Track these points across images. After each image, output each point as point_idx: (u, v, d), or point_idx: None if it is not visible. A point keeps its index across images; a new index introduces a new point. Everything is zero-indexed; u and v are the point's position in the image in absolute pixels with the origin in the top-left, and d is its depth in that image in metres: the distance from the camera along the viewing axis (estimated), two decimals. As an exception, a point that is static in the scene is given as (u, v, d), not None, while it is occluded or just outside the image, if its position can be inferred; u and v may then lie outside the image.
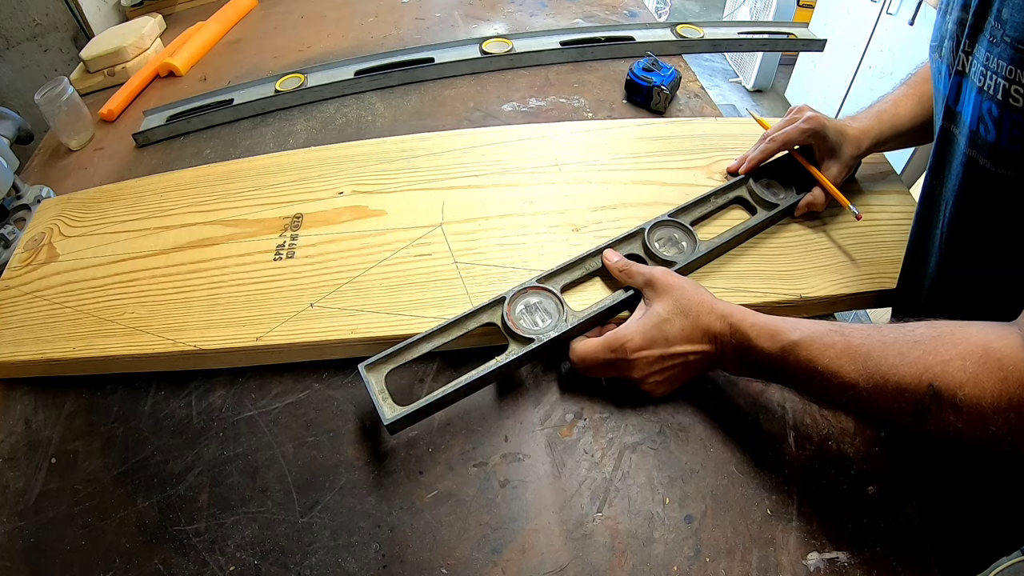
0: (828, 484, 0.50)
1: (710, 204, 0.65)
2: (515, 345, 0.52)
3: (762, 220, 0.62)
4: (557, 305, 0.55)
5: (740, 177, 0.66)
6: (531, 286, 0.56)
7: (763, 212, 0.63)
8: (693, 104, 0.87)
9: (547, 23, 1.07)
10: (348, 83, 0.93)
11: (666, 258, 0.58)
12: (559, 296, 0.56)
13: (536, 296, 0.56)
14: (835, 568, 0.46)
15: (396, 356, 0.53)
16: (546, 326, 0.54)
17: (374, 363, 0.52)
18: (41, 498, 0.52)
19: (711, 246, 0.59)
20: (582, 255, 0.59)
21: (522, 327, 0.53)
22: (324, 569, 0.47)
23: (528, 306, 0.55)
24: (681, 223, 0.62)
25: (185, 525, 0.50)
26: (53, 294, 0.63)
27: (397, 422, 0.49)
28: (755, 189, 0.65)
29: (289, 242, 0.64)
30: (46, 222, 0.72)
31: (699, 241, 0.60)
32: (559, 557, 0.47)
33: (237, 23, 1.20)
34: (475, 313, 0.55)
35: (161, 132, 0.90)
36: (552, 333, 0.53)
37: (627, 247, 0.60)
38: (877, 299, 0.60)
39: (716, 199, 0.65)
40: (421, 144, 0.74)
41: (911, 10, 1.60)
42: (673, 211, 0.62)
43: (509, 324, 0.53)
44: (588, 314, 0.54)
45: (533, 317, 0.55)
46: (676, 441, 0.53)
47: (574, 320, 0.54)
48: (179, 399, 0.58)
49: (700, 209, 0.64)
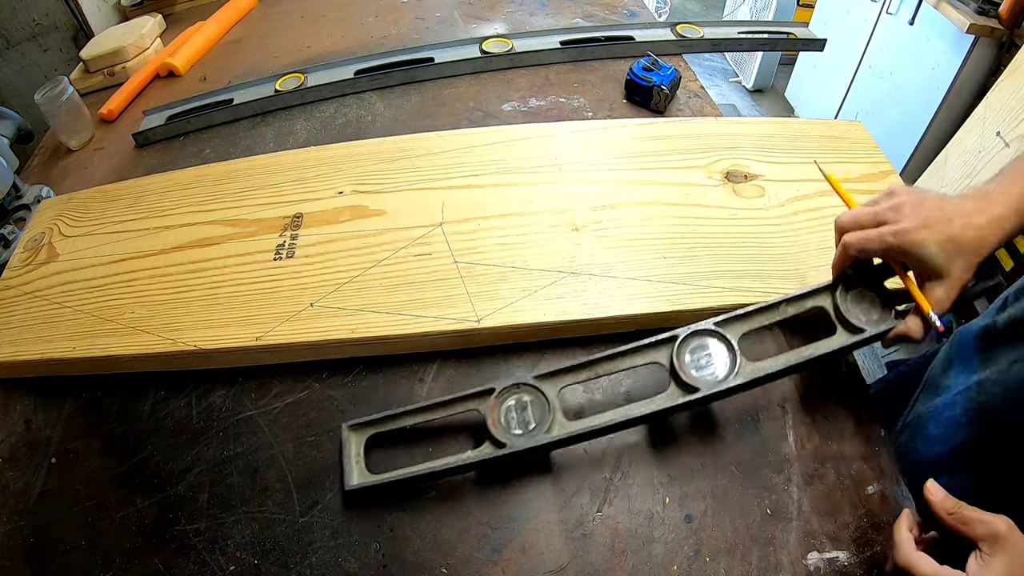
0: (828, 484, 0.50)
1: (777, 313, 0.52)
2: (488, 447, 0.48)
3: (839, 348, 0.49)
4: (543, 403, 0.50)
5: (826, 283, 0.52)
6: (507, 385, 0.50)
7: (844, 335, 0.50)
8: (693, 104, 0.87)
9: (547, 23, 1.07)
10: (348, 83, 0.93)
11: (691, 381, 0.48)
12: (547, 397, 0.50)
13: (528, 394, 0.50)
14: (835, 568, 0.46)
15: (385, 421, 0.51)
16: (525, 433, 0.48)
17: (359, 424, 0.51)
18: (41, 498, 0.52)
19: (757, 373, 0.48)
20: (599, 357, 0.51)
21: (503, 429, 0.48)
22: (324, 569, 0.47)
23: (519, 403, 0.50)
24: (725, 336, 0.50)
25: (185, 525, 0.50)
26: (53, 294, 0.63)
27: (361, 490, 0.48)
28: (840, 303, 0.51)
29: (289, 242, 0.64)
30: (46, 222, 0.72)
31: (740, 363, 0.49)
32: (559, 557, 0.47)
33: (237, 23, 1.20)
34: (456, 400, 0.51)
35: (161, 132, 0.89)
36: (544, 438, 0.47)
37: (655, 353, 0.51)
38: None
39: (788, 307, 0.52)
40: (421, 144, 0.74)
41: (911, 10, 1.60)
42: (724, 319, 0.51)
43: (492, 430, 0.48)
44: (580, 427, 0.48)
45: (522, 415, 0.49)
46: (676, 441, 0.53)
47: (563, 431, 0.48)
48: (179, 399, 0.58)
49: (762, 318, 0.52)
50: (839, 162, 0.70)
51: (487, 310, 0.57)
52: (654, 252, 0.61)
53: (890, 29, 1.75)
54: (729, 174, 0.68)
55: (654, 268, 0.59)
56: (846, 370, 0.57)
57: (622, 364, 0.51)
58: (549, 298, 0.57)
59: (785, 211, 0.65)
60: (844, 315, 0.50)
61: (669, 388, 0.49)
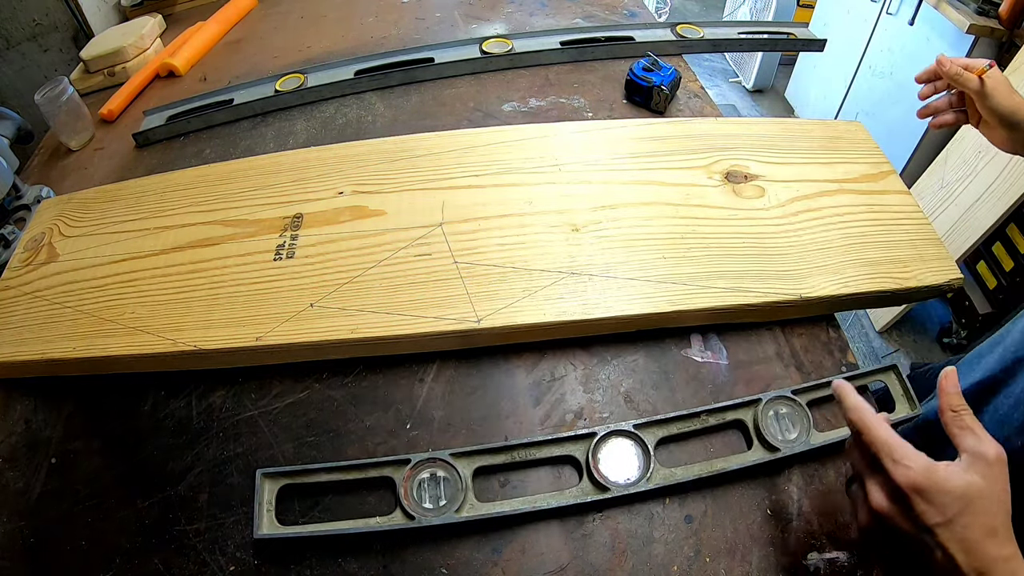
0: (828, 484, 0.50)
1: (697, 422, 0.53)
2: (400, 516, 0.48)
3: (751, 464, 0.50)
4: (456, 481, 0.49)
5: (752, 397, 0.53)
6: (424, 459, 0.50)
7: (759, 451, 0.51)
8: (693, 104, 0.87)
9: (547, 23, 1.07)
10: (348, 83, 0.93)
11: (602, 480, 0.49)
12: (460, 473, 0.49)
13: (443, 470, 0.50)
14: (835, 568, 0.46)
15: (299, 475, 0.50)
16: (436, 508, 0.48)
17: (273, 473, 0.50)
18: (41, 498, 0.52)
19: (669, 480, 0.49)
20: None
21: (415, 502, 0.48)
22: (324, 569, 0.47)
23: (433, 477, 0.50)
24: (642, 439, 0.51)
25: (185, 525, 0.50)
26: (53, 294, 0.63)
27: (270, 541, 0.47)
28: (761, 419, 0.52)
29: (289, 242, 0.64)
30: (46, 222, 0.72)
31: (655, 467, 0.50)
32: (559, 557, 0.47)
33: (237, 23, 1.20)
34: (371, 465, 0.51)
35: (161, 132, 0.89)
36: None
37: (572, 447, 0.51)
38: (877, 299, 0.60)
39: (709, 417, 0.53)
40: (421, 144, 0.74)
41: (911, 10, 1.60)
42: (642, 422, 0.52)
43: (403, 502, 0.48)
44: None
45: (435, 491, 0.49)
46: (676, 440, 0.53)
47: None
48: (179, 399, 0.58)
49: (682, 424, 0.52)
50: (839, 162, 0.70)
51: (487, 310, 0.57)
52: (654, 252, 0.61)
53: (890, 29, 1.75)
54: (729, 174, 0.68)
55: (654, 268, 0.59)
56: (846, 369, 0.57)
57: (539, 454, 0.51)
58: (549, 298, 0.57)
59: (785, 211, 0.65)
60: (762, 431, 0.51)
61: (581, 483, 0.50)
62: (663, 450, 0.52)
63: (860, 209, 0.65)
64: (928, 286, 0.59)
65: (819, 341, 0.60)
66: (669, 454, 0.52)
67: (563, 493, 0.49)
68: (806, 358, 0.58)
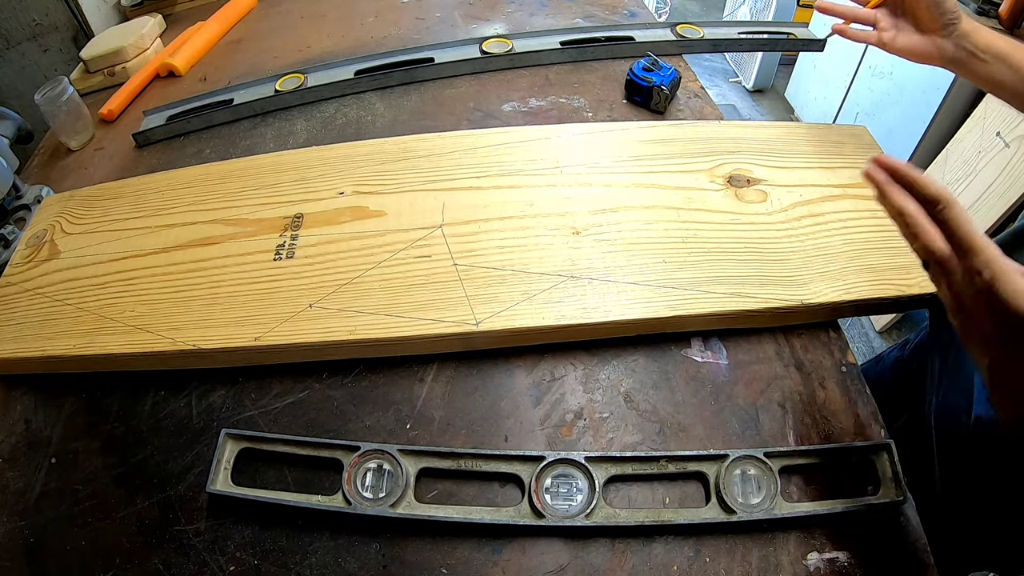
0: (828, 484, 0.50)
1: (655, 466, 0.50)
2: (340, 498, 0.49)
3: (702, 522, 0.47)
4: (399, 476, 0.50)
5: (718, 452, 0.50)
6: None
7: (715, 510, 0.48)
8: (693, 104, 0.87)
9: (547, 23, 1.07)
10: (348, 83, 0.93)
11: (539, 507, 0.47)
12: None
13: (389, 464, 0.50)
14: (835, 568, 0.46)
15: (260, 441, 0.52)
16: (374, 499, 0.49)
17: (237, 435, 0.52)
18: (41, 498, 0.52)
19: (611, 520, 0.47)
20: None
21: (355, 489, 0.49)
22: (324, 569, 0.47)
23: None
24: (591, 472, 0.49)
25: (185, 525, 0.50)
26: (54, 291, 0.63)
27: (221, 497, 0.49)
28: (724, 476, 0.49)
29: (289, 242, 0.64)
30: (48, 219, 0.72)
31: (598, 504, 0.48)
32: (559, 557, 0.47)
33: (237, 23, 1.20)
34: (323, 445, 0.52)
35: (161, 132, 0.89)
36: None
37: (520, 467, 0.50)
38: (879, 306, 0.60)
39: (669, 464, 0.50)
40: (422, 145, 0.74)
41: (911, 11, 1.60)
42: (595, 456, 0.50)
43: (344, 486, 0.49)
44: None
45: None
46: (676, 441, 0.53)
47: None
48: (179, 399, 0.58)
49: (637, 466, 0.50)
50: (843, 167, 0.69)
51: (486, 313, 0.57)
52: (654, 256, 0.61)
53: (890, 30, 1.75)
54: (732, 178, 0.68)
55: (654, 272, 0.59)
56: (846, 370, 0.57)
57: (486, 467, 0.51)
58: (548, 302, 0.57)
59: (787, 216, 0.64)
60: (722, 490, 0.48)
61: (520, 504, 0.49)
62: (614, 488, 0.50)
63: (863, 215, 0.65)
64: (931, 293, 0.59)
65: (819, 341, 0.60)
66: (618, 492, 0.50)
67: (499, 511, 0.49)
68: (806, 358, 0.58)
